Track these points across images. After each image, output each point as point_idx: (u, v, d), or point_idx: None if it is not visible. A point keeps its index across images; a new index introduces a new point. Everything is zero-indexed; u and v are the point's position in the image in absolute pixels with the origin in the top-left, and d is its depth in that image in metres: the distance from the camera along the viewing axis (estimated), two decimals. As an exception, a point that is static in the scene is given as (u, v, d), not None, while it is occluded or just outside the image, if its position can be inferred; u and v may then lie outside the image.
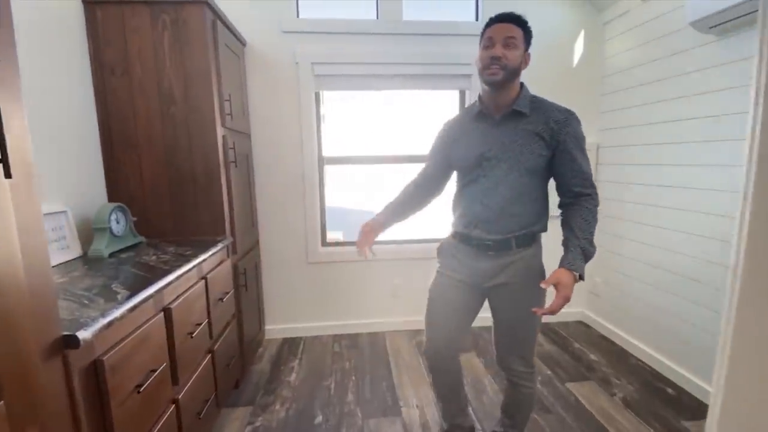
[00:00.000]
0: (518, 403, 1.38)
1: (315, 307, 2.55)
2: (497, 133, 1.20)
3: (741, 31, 1.58)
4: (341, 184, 2.73)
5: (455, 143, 1.29)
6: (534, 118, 1.17)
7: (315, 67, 2.30)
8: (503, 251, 1.23)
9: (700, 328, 1.83)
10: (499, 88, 1.16)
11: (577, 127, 1.16)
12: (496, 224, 1.21)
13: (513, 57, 1.12)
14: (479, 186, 1.22)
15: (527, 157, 1.16)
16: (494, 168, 1.19)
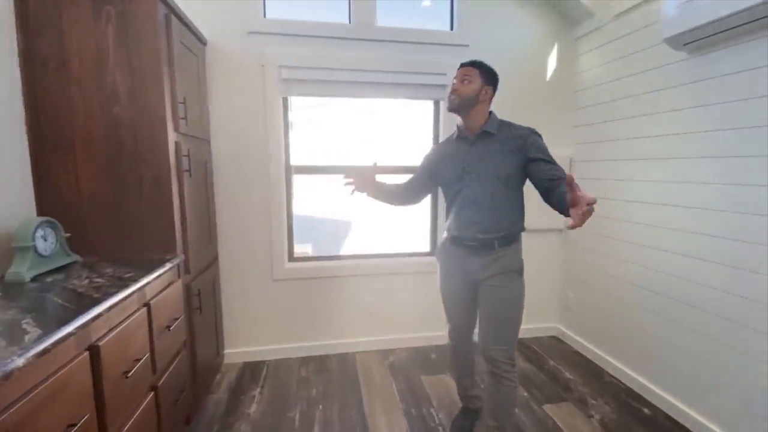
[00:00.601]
0: (501, 401, 1.46)
1: (280, 328, 2.37)
2: (473, 151, 1.46)
3: (714, 50, 1.59)
4: (311, 193, 2.59)
5: (441, 162, 1.55)
6: (502, 136, 1.44)
7: (282, 70, 2.15)
8: (487, 250, 1.45)
9: (673, 345, 1.82)
10: (461, 114, 1.46)
11: (537, 139, 1.41)
12: (479, 228, 1.44)
13: (464, 90, 1.42)
14: (463, 196, 1.47)
15: (500, 168, 1.41)
16: (474, 180, 1.44)
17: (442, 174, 1.54)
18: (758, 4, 1.32)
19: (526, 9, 2.40)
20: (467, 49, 2.35)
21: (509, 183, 1.42)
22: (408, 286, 2.49)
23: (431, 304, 2.52)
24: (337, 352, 2.43)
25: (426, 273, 2.50)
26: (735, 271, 1.54)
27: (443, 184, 1.56)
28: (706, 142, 1.65)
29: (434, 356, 2.41)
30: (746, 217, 1.50)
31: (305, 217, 2.75)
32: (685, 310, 1.76)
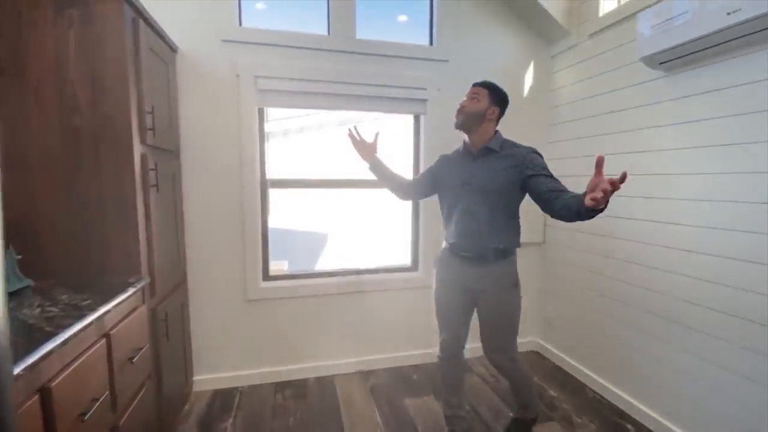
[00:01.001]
0: (516, 385, 1.65)
1: (254, 352, 2.23)
2: (475, 165, 1.53)
3: (689, 68, 1.65)
4: (289, 207, 2.50)
5: (445, 170, 1.63)
6: (504, 154, 1.50)
7: (259, 80, 2.07)
8: (482, 262, 1.51)
9: (654, 360, 1.83)
10: (465, 130, 1.54)
11: (536, 157, 1.47)
12: (475, 239, 1.50)
13: (471, 107, 1.50)
14: (461, 207, 1.52)
15: (499, 183, 1.47)
16: (473, 193, 1.50)
17: (444, 182, 1.62)
18: (728, 27, 1.38)
19: (504, 26, 2.44)
20: (447, 64, 2.36)
21: (507, 198, 1.49)
22: (389, 303, 2.42)
23: (413, 321, 2.47)
24: (315, 375, 2.31)
25: (408, 289, 2.44)
26: (715, 287, 1.57)
27: (443, 191, 1.63)
28: (682, 159, 1.70)
29: (416, 377, 2.34)
30: (725, 233, 1.54)
31: (282, 230, 2.65)
32: (665, 325, 1.78)
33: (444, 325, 1.65)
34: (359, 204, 2.58)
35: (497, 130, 1.56)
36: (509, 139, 1.56)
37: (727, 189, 1.51)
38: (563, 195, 1.28)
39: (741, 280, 1.47)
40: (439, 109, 2.37)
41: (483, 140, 1.52)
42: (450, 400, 1.70)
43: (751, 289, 1.44)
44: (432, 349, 2.51)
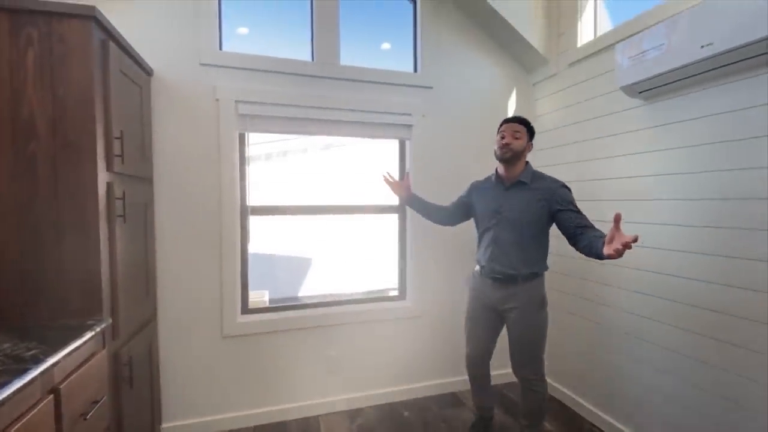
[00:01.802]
0: (531, 405, 1.70)
1: (231, 393, 2.05)
2: (507, 195, 1.68)
3: (667, 97, 1.68)
4: (270, 233, 2.38)
5: (479, 198, 1.78)
6: (535, 186, 1.64)
7: (239, 105, 2.00)
8: (510, 283, 1.64)
9: (654, 392, 1.77)
10: (508, 164, 1.66)
11: (566, 192, 1.61)
12: (505, 263, 1.64)
13: (517, 145, 1.64)
14: (492, 233, 1.68)
15: (528, 214, 1.61)
16: (503, 220, 1.65)
17: (478, 209, 1.78)
18: (701, 60, 1.41)
19: (486, 54, 2.47)
20: (431, 90, 2.36)
21: (535, 227, 1.62)
22: (376, 335, 2.29)
23: (402, 354, 2.35)
24: (298, 416, 2.14)
25: (396, 320, 2.33)
26: (713, 314, 1.53)
27: (477, 218, 1.79)
28: (660, 185, 1.71)
29: (407, 414, 2.20)
30: (707, 257, 1.52)
31: (263, 256, 2.52)
32: (667, 355, 1.73)
33: (469, 340, 1.81)
34: (344, 229, 2.49)
35: (527, 161, 1.71)
36: (537, 171, 1.71)
37: (709, 215, 1.51)
38: (588, 232, 1.44)
39: (721, 304, 1.44)
40: (424, 135, 2.35)
41: (517, 173, 1.67)
42: (480, 397, 1.91)
43: (734, 314, 1.41)
44: (423, 383, 2.39)
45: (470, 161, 2.42)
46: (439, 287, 2.41)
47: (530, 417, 1.73)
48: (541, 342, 1.67)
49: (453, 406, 2.27)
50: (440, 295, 2.42)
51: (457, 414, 2.19)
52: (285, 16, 2.32)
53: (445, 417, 2.16)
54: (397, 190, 1.91)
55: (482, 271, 1.72)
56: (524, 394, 1.72)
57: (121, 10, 1.79)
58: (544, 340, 1.67)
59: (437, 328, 2.42)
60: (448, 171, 2.40)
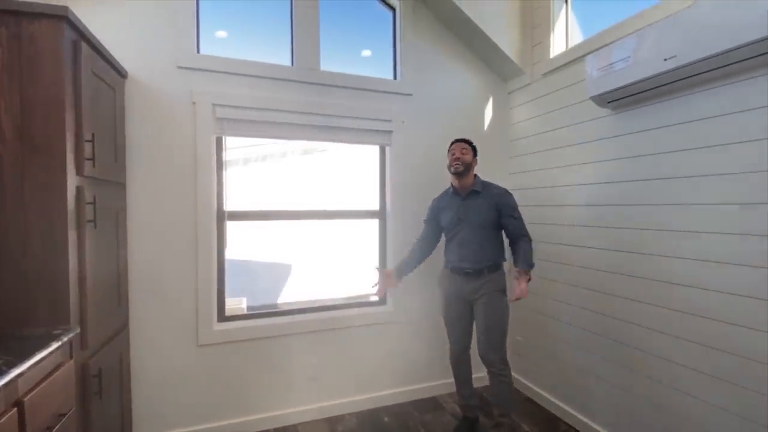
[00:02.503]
0: (499, 392, 1.88)
1: (207, 404, 1.99)
2: (465, 205, 1.95)
3: (634, 107, 1.76)
4: (248, 239, 2.34)
5: (441, 212, 2.03)
6: (485, 194, 1.94)
7: (217, 109, 1.98)
8: (479, 276, 1.91)
9: (622, 389, 1.83)
10: (461, 176, 1.95)
11: (510, 199, 1.96)
12: (473, 259, 1.91)
13: (466, 158, 1.94)
14: (459, 237, 1.95)
15: (484, 218, 1.92)
16: (466, 226, 1.93)
17: (443, 221, 2.02)
18: (665, 72, 1.49)
19: (464, 63, 2.54)
20: (411, 98, 2.40)
21: (491, 228, 1.93)
22: (357, 341, 2.29)
23: (383, 359, 2.35)
24: (276, 426, 2.10)
25: (377, 324, 2.34)
26: (674, 314, 1.61)
27: (443, 227, 2.03)
28: (629, 191, 1.79)
29: (387, 419, 2.19)
30: (671, 260, 1.60)
31: (241, 262, 2.47)
32: (632, 353, 1.80)
33: (451, 334, 2.02)
34: (325, 234, 2.48)
35: (476, 174, 2.00)
36: (486, 181, 2.01)
37: (673, 219, 1.59)
38: (519, 242, 1.91)
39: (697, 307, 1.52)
40: (404, 141, 2.38)
41: (469, 184, 1.96)
42: (463, 393, 2.07)
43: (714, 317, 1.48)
44: (404, 388, 2.39)
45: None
46: (420, 292, 2.43)
47: (502, 405, 1.89)
48: (505, 326, 1.90)
49: (433, 410, 2.28)
50: (421, 299, 2.43)
51: (437, 418, 2.20)
52: (265, 20, 2.32)
53: (425, 422, 2.17)
54: (389, 284, 2.06)
55: (453, 269, 1.96)
56: (493, 382, 1.89)
57: (95, 10, 1.75)
58: (507, 324, 1.91)
59: (418, 333, 2.43)
60: (427, 177, 2.43)
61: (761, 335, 1.32)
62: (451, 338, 2.03)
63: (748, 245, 1.36)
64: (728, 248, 1.42)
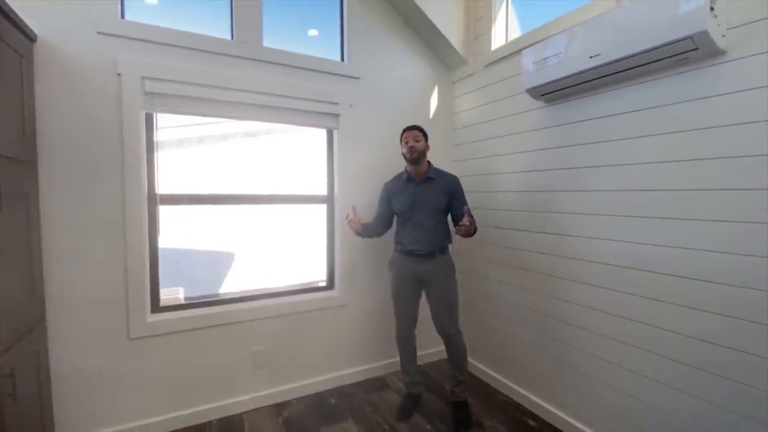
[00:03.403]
0: (455, 356, 2.08)
1: (141, 399, 1.88)
2: (419, 190, 2.03)
3: (565, 100, 1.91)
4: (187, 224, 2.20)
5: (395, 197, 2.09)
6: (438, 181, 2.04)
7: (146, 82, 1.81)
8: (431, 257, 2.02)
9: (546, 357, 2.03)
10: (415, 164, 2.02)
11: (460, 185, 2.09)
12: (425, 242, 2.01)
13: (419, 146, 2.01)
14: (412, 222, 2.03)
15: (437, 203, 2.02)
16: (420, 211, 2.01)
17: (396, 205, 2.08)
18: (590, 68, 1.63)
19: (412, 50, 2.56)
20: (359, 81, 2.38)
21: (442, 213, 2.04)
22: (304, 327, 2.28)
23: (331, 343, 2.37)
24: (219, 416, 2.04)
25: (324, 310, 2.34)
26: (600, 290, 1.80)
27: (397, 212, 2.09)
28: (562, 179, 1.94)
29: (334, 401, 2.23)
30: (598, 242, 1.78)
31: (179, 251, 2.32)
32: (558, 326, 1.99)
33: (399, 312, 2.11)
34: (270, 221, 2.40)
35: (429, 161, 2.07)
36: (437, 168, 2.10)
37: (604, 205, 1.76)
38: None
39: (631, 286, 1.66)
40: (352, 125, 2.37)
41: (423, 170, 2.04)
42: (408, 370, 2.17)
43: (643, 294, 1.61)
44: (351, 369, 2.43)
45: (395, 152, 2.49)
46: (367, 275, 2.47)
47: (458, 366, 2.08)
48: (457, 300, 2.06)
49: (379, 389, 2.36)
50: (367, 283, 2.47)
51: (384, 396, 2.28)
52: (200, -11, 2.15)
53: (371, 401, 2.23)
54: (356, 226, 2.08)
55: (405, 252, 2.04)
56: (450, 349, 2.07)
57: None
58: (458, 298, 2.07)
59: (365, 316, 2.48)
60: (375, 161, 2.45)
61: (675, 308, 1.50)
62: (399, 317, 2.11)
63: (649, 226, 1.56)
64: (640, 229, 1.60)
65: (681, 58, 1.42)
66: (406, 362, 2.17)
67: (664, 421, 1.54)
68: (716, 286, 1.38)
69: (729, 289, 1.34)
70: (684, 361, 1.47)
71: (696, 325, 1.44)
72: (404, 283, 2.07)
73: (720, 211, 1.37)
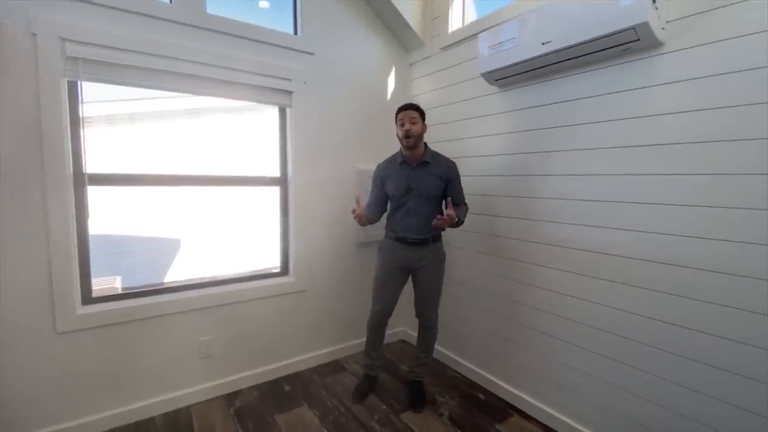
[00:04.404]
0: (428, 341, 2.10)
1: (76, 398, 1.71)
2: (414, 175, 1.93)
3: (517, 86, 1.94)
4: (126, 208, 2.01)
5: (389, 180, 1.98)
6: (434, 165, 1.94)
7: (67, 45, 1.59)
8: (424, 245, 1.95)
9: (497, 336, 2.12)
10: (412, 148, 1.90)
11: (457, 170, 1.99)
12: (418, 230, 1.93)
13: (417, 130, 1.88)
14: (406, 207, 1.94)
15: (433, 188, 1.93)
16: (415, 196, 1.92)
17: (390, 189, 1.97)
18: (542, 55, 1.66)
19: (369, 29, 2.48)
20: (312, 57, 2.27)
21: (437, 199, 1.95)
22: (257, 314, 2.19)
23: (285, 329, 2.31)
24: (164, 410, 1.92)
25: (278, 296, 2.27)
26: (542, 269, 1.89)
27: (390, 197, 1.99)
28: (514, 163, 2.00)
29: (288, 388, 2.18)
30: (540, 223, 1.87)
31: (117, 237, 2.12)
32: (503, 304, 2.08)
33: (379, 298, 2.03)
34: (218, 205, 2.25)
35: (426, 143, 1.97)
36: (434, 151, 2.00)
37: (551, 188, 1.83)
38: (460, 206, 1.98)
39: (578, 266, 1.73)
40: (307, 103, 2.26)
41: (419, 154, 1.93)
42: (372, 354, 2.13)
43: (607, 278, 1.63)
44: (306, 355, 2.39)
45: (352, 133, 2.45)
46: (323, 259, 2.42)
47: (427, 349, 2.11)
48: (441, 289, 2.04)
49: (335, 373, 2.35)
50: (324, 267, 2.43)
51: (339, 379, 2.27)
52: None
53: (327, 384, 2.22)
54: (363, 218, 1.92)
55: (397, 239, 1.95)
56: (424, 333, 2.08)
57: None
58: (442, 287, 2.04)
59: (321, 301, 2.43)
60: (330, 141, 2.38)
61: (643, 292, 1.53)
62: (379, 302, 2.03)
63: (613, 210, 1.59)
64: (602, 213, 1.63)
65: (624, 48, 1.49)
66: (372, 347, 2.12)
67: (610, 394, 1.67)
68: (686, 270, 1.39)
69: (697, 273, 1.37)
70: (634, 338, 1.59)
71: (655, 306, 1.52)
72: (392, 270, 1.98)
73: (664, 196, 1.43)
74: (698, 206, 1.36)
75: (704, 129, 1.34)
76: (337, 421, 1.89)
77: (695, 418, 1.39)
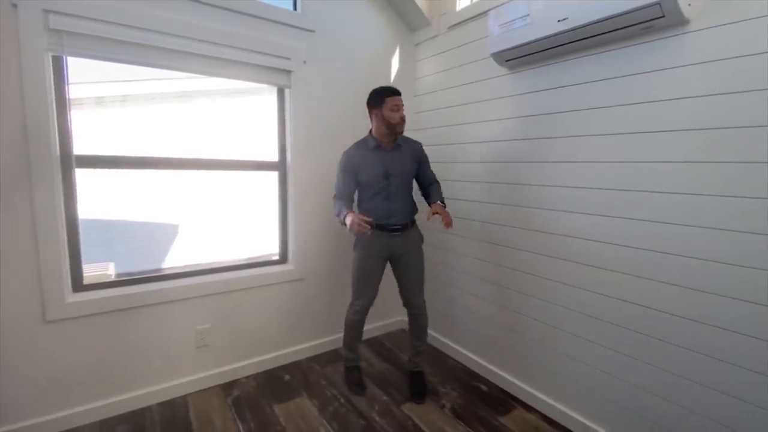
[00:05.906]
0: (419, 327, 2.04)
1: (65, 388, 1.66)
2: (390, 158, 1.89)
3: (529, 68, 1.84)
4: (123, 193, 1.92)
5: (362, 165, 1.87)
6: (406, 148, 1.94)
7: (51, 16, 1.48)
8: (406, 231, 1.91)
9: (498, 326, 2.07)
10: (398, 134, 1.87)
11: (424, 151, 2.02)
12: (400, 215, 1.89)
13: (404, 117, 1.86)
14: (386, 192, 1.87)
15: (409, 171, 1.93)
16: (393, 180, 1.87)
17: (363, 175, 1.87)
18: (558, 33, 1.55)
19: (372, 5, 2.36)
20: (313, 35, 2.16)
21: (411, 182, 1.96)
22: (255, 302, 2.13)
23: (283, 318, 2.26)
24: (160, 400, 1.88)
25: (277, 284, 2.21)
26: (541, 257, 1.83)
27: (365, 184, 1.88)
28: (522, 149, 1.91)
29: (287, 377, 2.14)
30: (547, 212, 1.79)
31: (112, 222, 2.04)
32: (505, 293, 2.02)
33: (363, 292, 1.96)
34: (218, 190, 2.15)
35: None
36: (404, 135, 1.94)
37: (560, 176, 1.75)
38: (433, 185, 2.00)
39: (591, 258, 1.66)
40: (306, 83, 2.16)
41: (395, 137, 1.88)
42: (354, 347, 2.09)
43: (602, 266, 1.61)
44: (305, 344, 2.35)
45: (353, 116, 2.34)
46: (322, 247, 2.35)
47: (420, 337, 2.05)
48: (423, 274, 2.01)
49: (334, 362, 2.31)
50: (323, 255, 2.36)
51: (338, 369, 2.23)
52: None
53: (327, 374, 2.18)
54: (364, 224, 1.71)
55: (378, 226, 1.83)
56: (416, 321, 2.03)
57: None
58: (424, 273, 2.01)
59: (320, 289, 2.38)
60: (330, 124, 2.28)
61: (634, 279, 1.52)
62: (362, 296, 1.96)
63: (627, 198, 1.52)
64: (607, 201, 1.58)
65: (646, 26, 1.39)
66: (354, 339, 2.06)
67: (609, 384, 1.62)
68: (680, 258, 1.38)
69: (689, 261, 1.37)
70: (629, 327, 1.54)
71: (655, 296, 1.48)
72: (372, 261, 1.90)
73: (685, 185, 1.35)
74: (724, 196, 1.28)
75: (731, 114, 1.25)
76: (337, 412, 1.86)
77: (701, 413, 1.35)
